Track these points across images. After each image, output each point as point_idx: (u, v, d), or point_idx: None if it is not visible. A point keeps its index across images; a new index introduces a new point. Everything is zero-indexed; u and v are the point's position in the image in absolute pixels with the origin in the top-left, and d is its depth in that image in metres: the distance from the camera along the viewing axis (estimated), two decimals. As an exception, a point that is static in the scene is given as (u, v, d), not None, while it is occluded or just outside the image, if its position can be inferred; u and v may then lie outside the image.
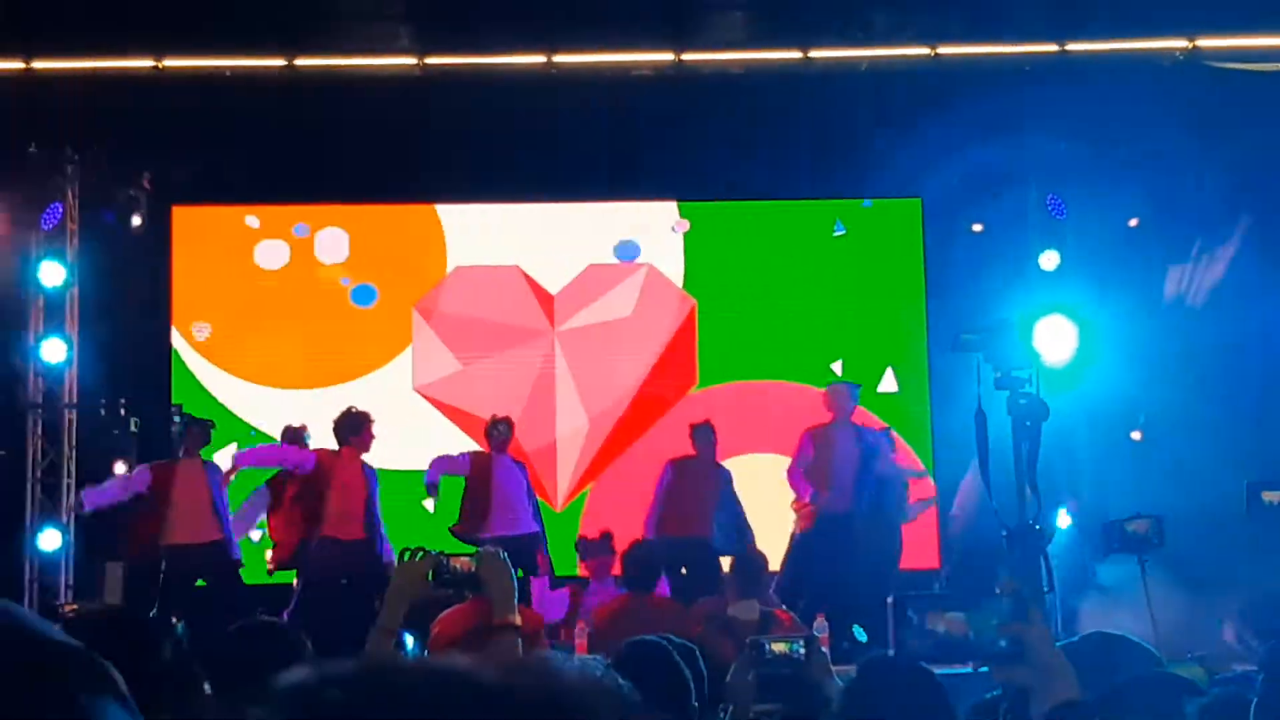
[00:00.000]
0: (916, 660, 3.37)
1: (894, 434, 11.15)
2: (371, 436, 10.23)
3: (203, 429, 10.47)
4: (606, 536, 10.43)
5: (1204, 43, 10.77)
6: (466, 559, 3.48)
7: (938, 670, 3.62)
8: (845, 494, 10.51)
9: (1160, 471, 10.86)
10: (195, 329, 12.40)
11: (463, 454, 10.84)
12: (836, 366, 12.47)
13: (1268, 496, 7.60)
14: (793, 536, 10.65)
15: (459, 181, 12.32)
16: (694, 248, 12.75)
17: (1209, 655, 8.34)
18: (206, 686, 3.02)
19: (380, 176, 12.10)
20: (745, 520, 10.65)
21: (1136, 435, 11.69)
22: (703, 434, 10.84)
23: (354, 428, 10.18)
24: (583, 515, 12.16)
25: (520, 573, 4.96)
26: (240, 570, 10.31)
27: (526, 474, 10.82)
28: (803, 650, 4.23)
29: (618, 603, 8.36)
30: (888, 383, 12.52)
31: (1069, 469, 10.97)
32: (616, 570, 9.33)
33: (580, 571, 10.73)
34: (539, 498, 11.02)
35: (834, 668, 4.42)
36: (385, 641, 3.45)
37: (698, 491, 10.59)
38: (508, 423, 10.69)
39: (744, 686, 4.19)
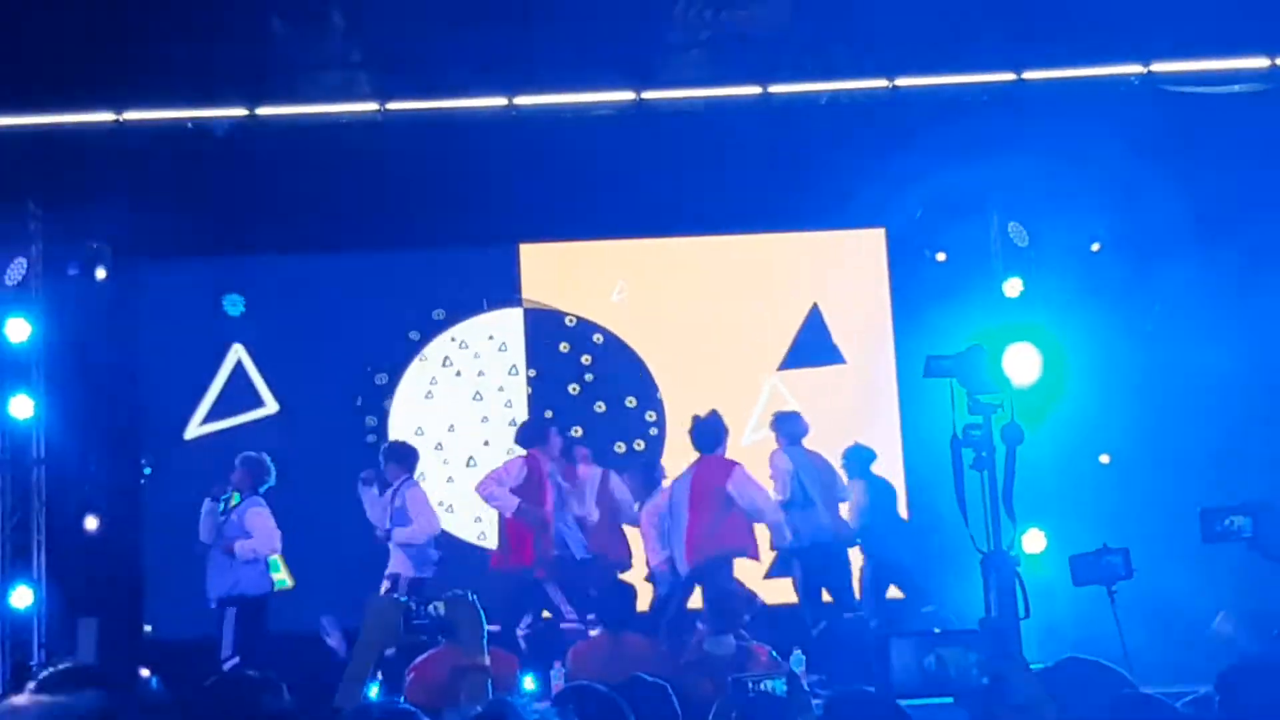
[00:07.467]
0: (896, 695, 3.37)
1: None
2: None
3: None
4: None
5: (1159, 67, 10.87)
6: (437, 604, 3.45)
7: (913, 703, 3.63)
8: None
9: (1123, 495, 10.89)
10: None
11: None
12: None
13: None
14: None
15: (423, 226, 12.33)
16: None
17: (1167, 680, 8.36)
18: None
19: (345, 223, 12.07)
20: None
21: (1104, 459, 11.71)
22: None
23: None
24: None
25: None
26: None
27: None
28: (785, 688, 4.22)
29: (594, 642, 8.33)
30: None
31: (1034, 493, 11.01)
32: None
33: None
34: None
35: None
36: (355, 692, 3.35)
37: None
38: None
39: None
